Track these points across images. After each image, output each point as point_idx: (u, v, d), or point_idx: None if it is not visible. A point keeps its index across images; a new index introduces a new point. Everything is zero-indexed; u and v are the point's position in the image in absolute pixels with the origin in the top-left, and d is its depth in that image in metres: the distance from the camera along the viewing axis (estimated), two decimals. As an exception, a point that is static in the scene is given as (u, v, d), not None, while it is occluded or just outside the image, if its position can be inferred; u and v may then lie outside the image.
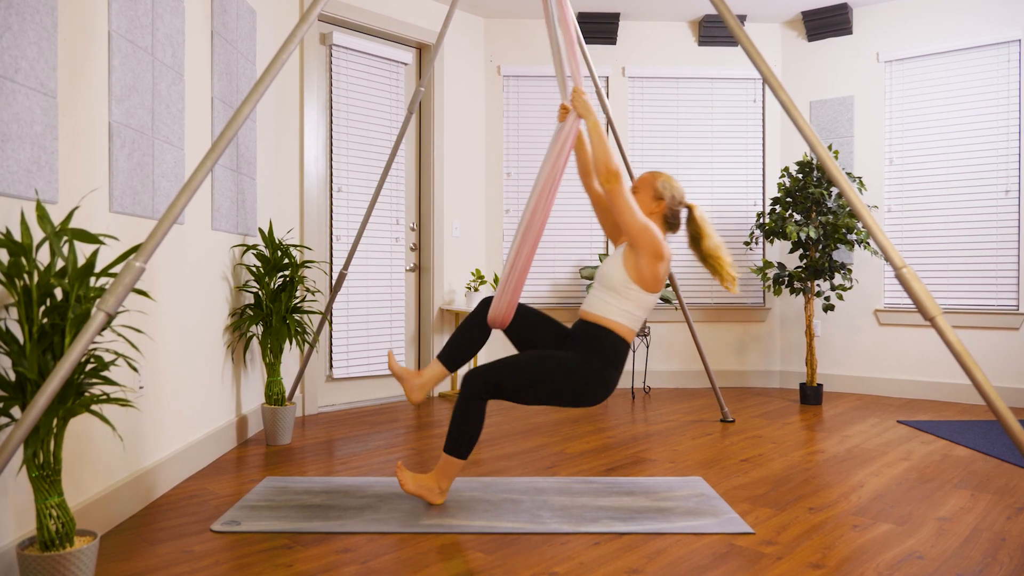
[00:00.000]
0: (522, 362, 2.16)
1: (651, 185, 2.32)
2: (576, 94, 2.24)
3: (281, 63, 1.86)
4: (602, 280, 2.27)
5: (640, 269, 2.19)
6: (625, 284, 2.21)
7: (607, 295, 2.25)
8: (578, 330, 2.27)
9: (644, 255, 2.17)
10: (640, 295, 2.22)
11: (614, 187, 2.13)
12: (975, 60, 4.14)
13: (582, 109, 2.23)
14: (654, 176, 2.33)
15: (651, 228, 2.17)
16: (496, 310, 2.28)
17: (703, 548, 1.92)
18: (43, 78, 1.72)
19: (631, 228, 2.15)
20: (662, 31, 4.71)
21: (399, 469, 2.21)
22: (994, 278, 4.09)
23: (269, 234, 3.01)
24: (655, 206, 2.31)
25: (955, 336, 1.62)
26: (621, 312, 2.22)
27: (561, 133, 2.25)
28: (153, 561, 1.81)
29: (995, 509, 2.25)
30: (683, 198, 2.35)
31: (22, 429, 1.44)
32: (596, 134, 2.18)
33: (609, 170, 2.13)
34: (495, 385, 2.15)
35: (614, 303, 2.23)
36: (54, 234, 1.56)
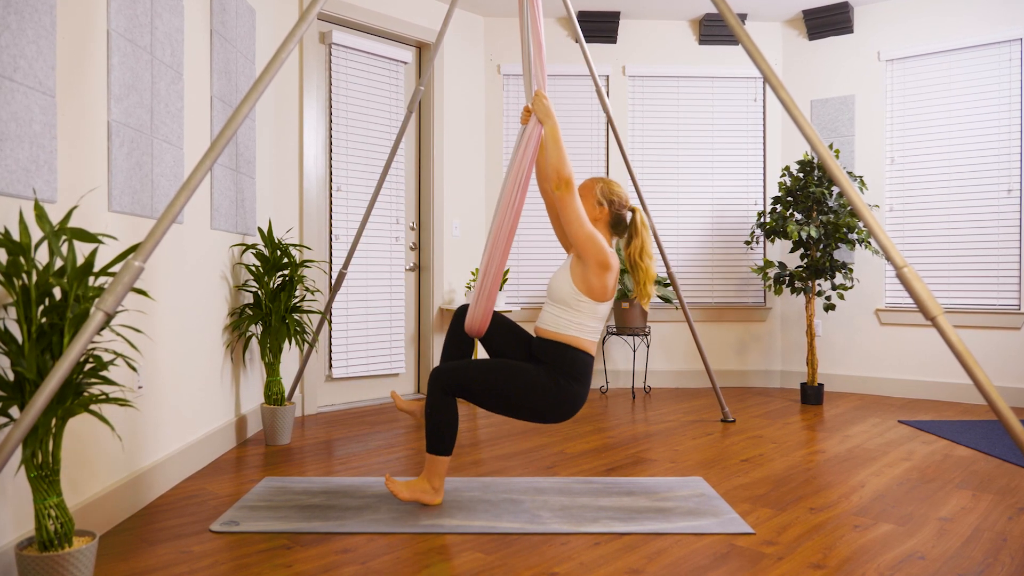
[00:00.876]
0: (489, 366, 2.16)
1: (591, 191, 2.30)
2: (537, 97, 2.21)
3: (280, 62, 1.86)
4: (552, 294, 2.25)
5: (588, 280, 2.17)
6: (575, 296, 2.19)
7: (558, 309, 2.23)
8: (537, 348, 2.26)
9: (591, 266, 2.16)
10: (592, 306, 2.20)
11: (564, 195, 2.11)
12: (976, 59, 4.13)
13: (541, 113, 2.19)
14: (594, 182, 2.31)
15: (596, 238, 2.15)
16: (472, 319, 2.27)
17: (704, 548, 1.92)
18: (41, 77, 1.72)
19: (577, 237, 2.13)
20: (662, 30, 4.70)
21: (389, 481, 2.18)
22: (995, 278, 4.08)
23: (268, 233, 3.01)
24: (598, 212, 2.28)
25: (956, 336, 1.61)
26: (575, 325, 2.20)
27: (523, 137, 2.22)
28: (152, 561, 1.81)
29: (996, 509, 2.25)
30: (625, 201, 2.32)
31: (21, 429, 1.43)
32: (552, 139, 2.14)
33: (561, 176, 2.10)
34: (460, 386, 2.15)
35: (566, 317, 2.21)
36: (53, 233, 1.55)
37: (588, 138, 4.71)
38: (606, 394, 4.43)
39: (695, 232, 4.72)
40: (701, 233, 4.73)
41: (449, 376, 2.15)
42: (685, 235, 4.72)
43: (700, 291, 4.72)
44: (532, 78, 2.33)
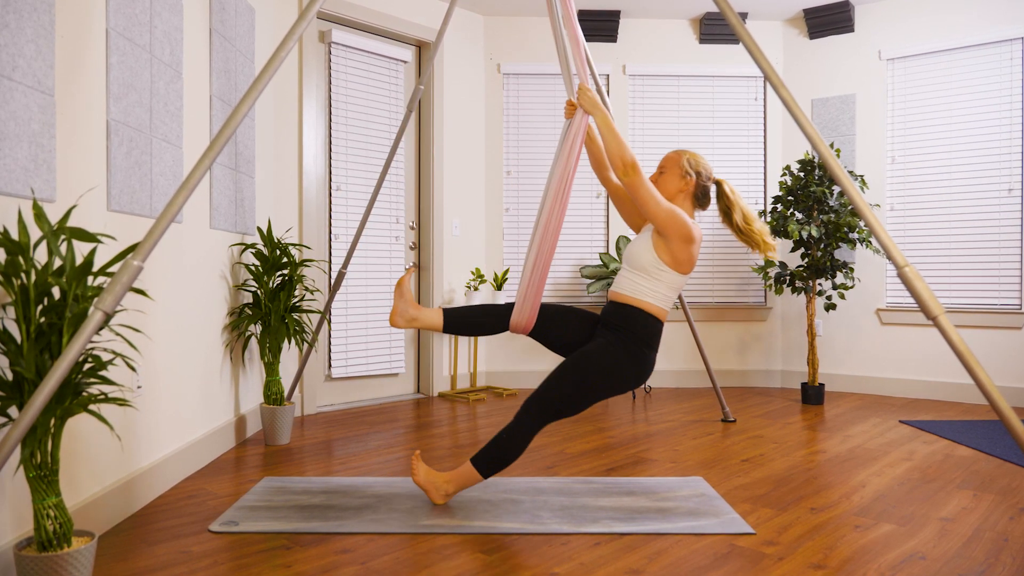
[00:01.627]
0: (566, 373, 2.14)
1: (677, 164, 2.30)
2: (582, 91, 2.22)
3: (280, 61, 1.85)
4: (631, 261, 2.25)
5: (673, 253, 2.17)
6: (656, 266, 2.19)
7: (637, 276, 2.22)
8: (609, 313, 2.24)
9: (674, 240, 2.15)
10: (673, 276, 2.21)
11: (633, 179, 2.11)
12: (978, 58, 4.12)
13: (589, 105, 2.20)
14: (679, 154, 2.31)
15: (677, 213, 2.15)
16: (519, 316, 2.26)
17: (704, 548, 1.91)
18: (40, 76, 1.71)
19: (657, 217, 2.13)
20: (663, 29, 4.69)
21: (416, 457, 2.22)
22: (997, 277, 4.07)
23: (268, 233, 3.00)
24: (683, 184, 2.28)
25: (957, 335, 1.61)
26: (653, 293, 2.20)
27: (570, 131, 2.22)
28: (151, 562, 1.80)
29: (998, 509, 2.24)
30: (711, 173, 2.33)
31: (19, 429, 1.43)
32: (607, 128, 2.15)
33: (625, 163, 2.11)
34: (555, 410, 2.14)
35: (645, 284, 2.21)
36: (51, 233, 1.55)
37: (588, 137, 4.70)
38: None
39: (695, 231, 4.71)
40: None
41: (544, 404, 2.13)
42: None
43: (700, 290, 4.71)
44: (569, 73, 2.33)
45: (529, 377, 4.63)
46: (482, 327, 2.29)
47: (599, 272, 4.37)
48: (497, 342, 4.64)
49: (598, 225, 4.70)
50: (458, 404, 4.06)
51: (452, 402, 4.12)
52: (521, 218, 4.66)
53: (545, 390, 2.15)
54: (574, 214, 4.69)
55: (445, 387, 4.39)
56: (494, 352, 4.63)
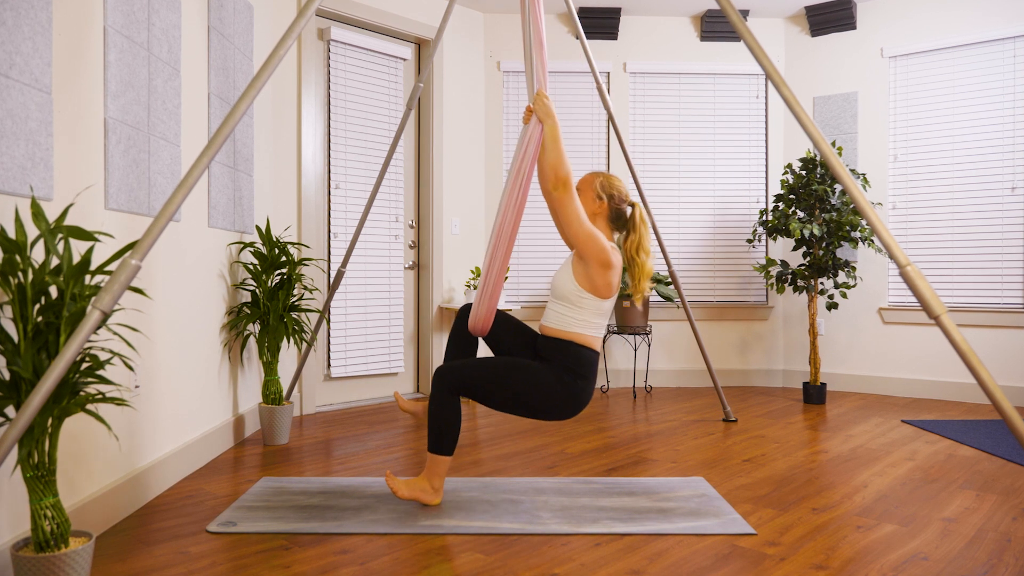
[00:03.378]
0: (494, 365, 2.15)
1: (591, 185, 2.29)
2: (538, 97, 2.20)
3: (278, 59, 1.84)
4: (555, 292, 2.25)
5: (591, 278, 2.16)
6: (577, 293, 2.18)
7: (561, 307, 2.22)
8: (541, 345, 2.25)
9: (592, 264, 2.14)
10: (596, 303, 2.20)
11: (562, 194, 2.10)
12: (980, 55, 4.11)
13: (541, 112, 2.18)
14: (594, 176, 2.30)
15: (596, 236, 2.13)
16: (475, 318, 2.25)
17: (705, 549, 1.90)
18: (38, 74, 1.70)
19: (577, 237, 2.12)
20: (664, 26, 4.67)
21: (389, 478, 2.17)
22: (1000, 276, 4.06)
23: (266, 231, 2.99)
24: (597, 206, 2.27)
25: (960, 335, 1.59)
26: (579, 322, 2.20)
27: (525, 137, 2.21)
28: (149, 562, 1.80)
29: (1000, 510, 2.23)
30: (625, 196, 2.31)
31: (16, 429, 1.42)
32: (551, 139, 2.13)
33: (558, 176, 2.09)
34: (465, 385, 2.14)
35: (570, 314, 2.20)
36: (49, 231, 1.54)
37: (589, 135, 4.69)
38: (607, 393, 4.41)
39: (696, 230, 4.70)
40: (703, 231, 4.71)
41: (454, 375, 2.14)
42: (686, 233, 4.70)
43: (702, 289, 4.70)
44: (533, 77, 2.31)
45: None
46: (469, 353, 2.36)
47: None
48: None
49: (599, 224, 4.69)
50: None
51: (452, 401, 4.11)
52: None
53: (464, 369, 2.14)
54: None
55: (445, 386, 4.37)
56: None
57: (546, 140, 2.15)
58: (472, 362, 2.16)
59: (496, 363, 2.16)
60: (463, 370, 2.14)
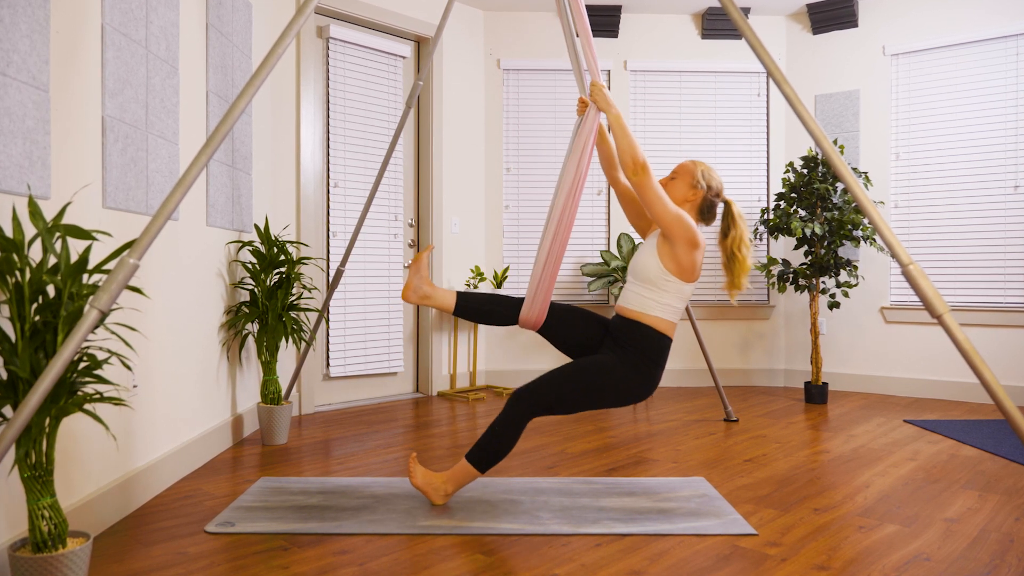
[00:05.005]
0: (568, 378, 2.13)
1: (690, 173, 2.29)
2: (595, 87, 2.21)
3: (277, 57, 1.83)
4: (637, 274, 2.23)
5: (677, 259, 2.16)
6: (662, 276, 2.18)
7: (644, 289, 2.21)
8: (617, 327, 2.23)
9: (679, 244, 2.14)
10: (679, 286, 2.19)
11: (642, 180, 2.10)
12: (983, 53, 4.09)
13: (602, 103, 2.19)
14: (695, 164, 2.30)
15: (684, 216, 2.13)
16: (528, 313, 2.25)
17: (706, 550, 1.89)
18: (35, 72, 1.69)
19: (663, 219, 2.12)
20: (665, 24, 4.66)
21: (413, 460, 2.20)
22: (1002, 275, 4.04)
23: (265, 230, 2.98)
24: (691, 194, 2.28)
25: (963, 334, 1.58)
26: (660, 306, 2.19)
27: (583, 128, 2.21)
28: (147, 563, 1.79)
29: (1003, 510, 2.22)
30: (721, 190, 2.32)
31: (14, 429, 1.41)
32: (619, 127, 2.13)
33: (636, 162, 2.09)
34: (546, 406, 2.13)
35: (652, 297, 2.19)
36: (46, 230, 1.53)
37: (589, 134, 4.67)
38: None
39: (697, 229, 4.69)
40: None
41: (534, 397, 2.12)
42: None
43: (702, 288, 4.69)
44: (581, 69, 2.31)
45: (529, 376, 4.60)
46: (491, 315, 2.28)
47: (600, 270, 4.34)
48: (497, 341, 4.61)
49: (599, 223, 4.68)
50: (457, 403, 4.04)
51: (451, 401, 4.11)
52: (521, 215, 4.64)
53: (543, 386, 2.13)
54: (575, 211, 4.67)
55: (444, 386, 4.37)
56: (493, 351, 4.61)
57: (614, 129, 2.14)
58: (545, 380, 2.14)
59: (569, 374, 2.14)
60: (540, 391, 2.12)
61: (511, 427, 2.13)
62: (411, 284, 2.25)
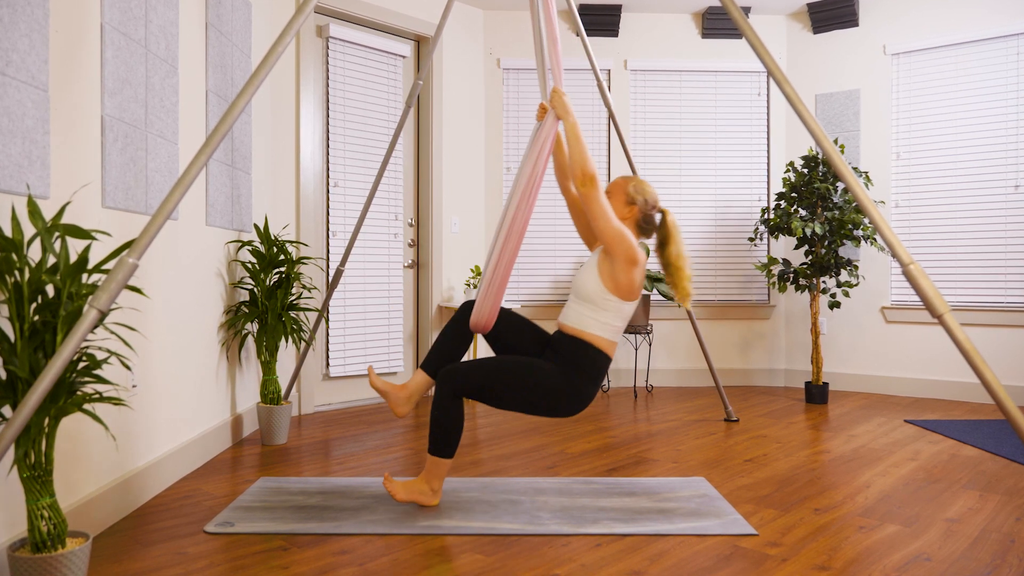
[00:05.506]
0: (502, 366, 2.13)
1: (623, 190, 2.27)
2: (555, 94, 2.19)
3: (277, 56, 1.82)
4: (577, 291, 2.22)
5: (616, 277, 2.14)
6: (602, 295, 2.16)
7: (584, 307, 2.20)
8: (557, 341, 2.23)
9: (619, 261, 2.13)
10: (618, 305, 2.18)
11: (590, 191, 2.08)
12: (984, 53, 4.09)
13: (560, 110, 2.17)
14: (626, 180, 2.29)
15: (625, 234, 2.12)
16: (479, 314, 2.22)
17: (706, 550, 1.89)
18: (34, 71, 1.69)
19: (606, 233, 2.10)
20: (665, 23, 4.66)
21: (387, 481, 2.17)
22: (1003, 275, 4.04)
23: (264, 230, 2.98)
24: (627, 211, 2.26)
25: (963, 334, 1.58)
26: (599, 324, 2.18)
27: (540, 133, 2.20)
28: (146, 563, 1.79)
29: (1004, 510, 2.22)
30: (656, 202, 2.30)
31: (13, 428, 1.41)
32: (573, 136, 2.12)
33: (585, 173, 2.08)
34: (473, 387, 2.12)
35: (591, 315, 2.18)
36: (45, 230, 1.52)
37: (589, 133, 4.67)
38: (607, 393, 4.40)
39: (698, 228, 4.69)
40: (704, 229, 4.69)
41: (461, 378, 2.11)
42: (688, 231, 4.68)
43: (703, 288, 4.68)
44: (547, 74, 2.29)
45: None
46: (456, 350, 2.29)
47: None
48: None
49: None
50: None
51: (452, 400, 4.10)
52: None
53: (476, 370, 2.12)
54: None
55: (445, 385, 4.36)
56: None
57: (568, 138, 2.14)
58: (479, 363, 2.14)
59: (504, 364, 2.14)
60: (471, 373, 2.12)
61: (444, 410, 2.12)
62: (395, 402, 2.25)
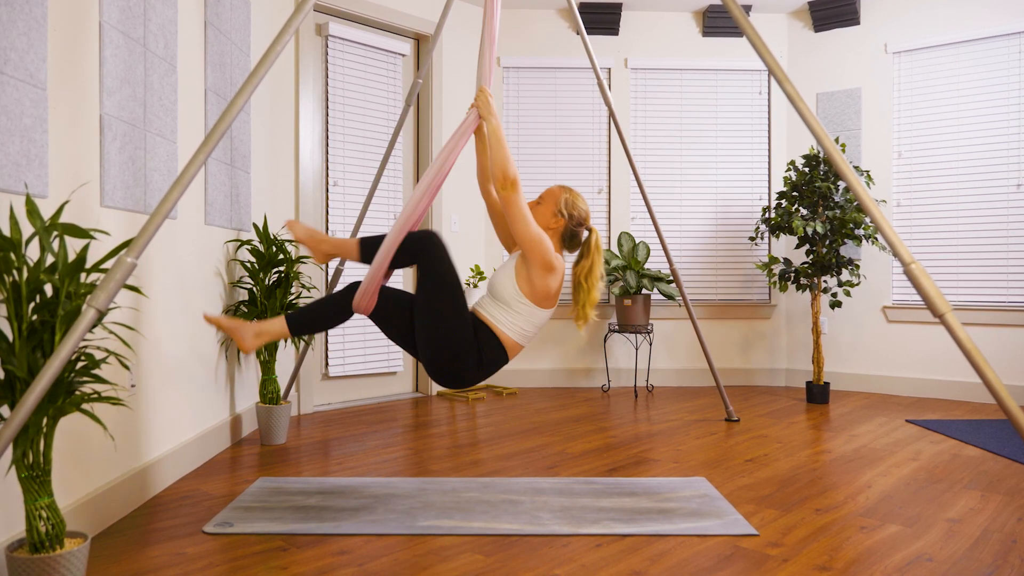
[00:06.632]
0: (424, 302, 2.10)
1: (556, 199, 2.25)
2: (480, 93, 2.17)
3: (276, 54, 1.82)
4: (492, 291, 2.20)
5: (532, 282, 2.12)
6: (516, 298, 2.15)
7: (496, 307, 2.18)
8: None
9: (535, 267, 2.10)
10: (532, 311, 2.16)
11: (509, 195, 2.06)
12: (985, 51, 4.07)
13: (484, 110, 2.15)
14: (561, 190, 2.27)
15: (543, 240, 2.09)
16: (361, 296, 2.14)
17: (707, 550, 1.88)
18: (32, 70, 1.68)
19: (523, 238, 2.08)
20: (665, 21, 4.64)
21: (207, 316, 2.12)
22: (1005, 274, 4.03)
23: (264, 229, 2.97)
24: (554, 222, 2.24)
25: (965, 333, 1.57)
26: (511, 324, 2.16)
27: (457, 129, 2.17)
28: (145, 563, 1.78)
29: (1006, 510, 2.21)
30: (586, 218, 2.28)
31: (11, 428, 1.41)
32: (495, 138, 2.10)
33: (507, 176, 2.06)
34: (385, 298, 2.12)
35: (503, 316, 2.16)
36: (44, 229, 1.52)
37: (589, 132, 4.66)
38: (608, 393, 4.39)
39: (698, 227, 4.68)
40: (704, 228, 4.68)
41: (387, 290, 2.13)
42: (688, 230, 4.67)
43: (703, 288, 4.68)
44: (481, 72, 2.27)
45: (530, 375, 4.59)
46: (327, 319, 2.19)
47: (601, 269, 4.33)
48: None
49: (599, 222, 4.67)
50: (457, 403, 4.03)
51: (451, 401, 4.10)
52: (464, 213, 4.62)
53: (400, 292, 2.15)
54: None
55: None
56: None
57: (490, 139, 2.11)
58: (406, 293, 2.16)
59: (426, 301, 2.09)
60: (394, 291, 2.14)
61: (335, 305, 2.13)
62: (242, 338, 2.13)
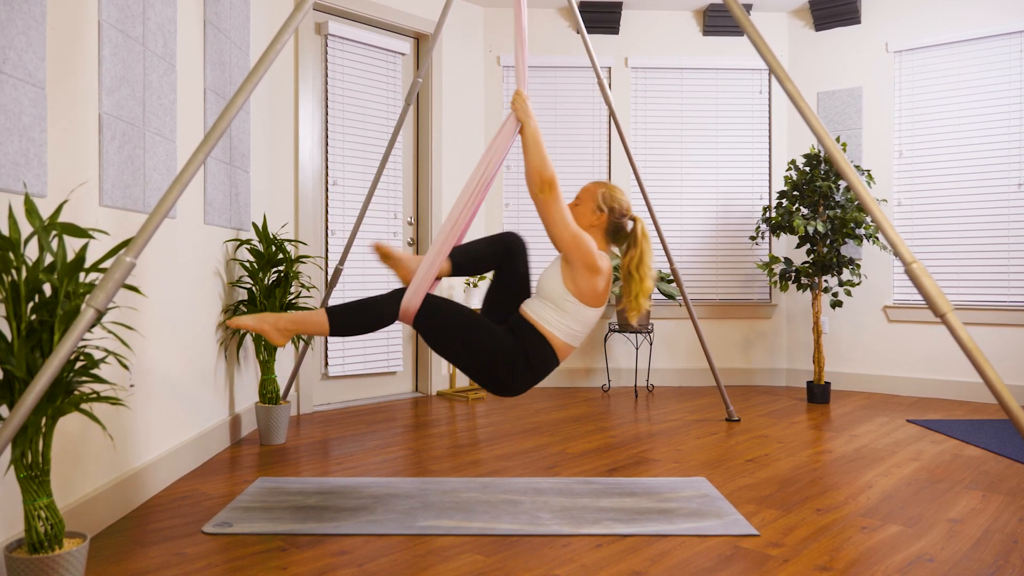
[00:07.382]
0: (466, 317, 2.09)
1: (593, 195, 2.23)
2: (516, 97, 2.15)
3: (275, 53, 1.81)
4: (540, 290, 2.18)
5: (576, 282, 2.10)
6: (563, 296, 2.12)
7: (544, 305, 2.15)
8: (515, 321, 2.16)
9: (578, 268, 2.08)
10: (580, 309, 2.12)
11: (546, 197, 2.04)
12: (987, 50, 4.07)
13: (521, 114, 2.13)
14: (597, 186, 2.25)
15: (583, 239, 2.06)
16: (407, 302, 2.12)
17: (707, 550, 1.88)
18: (31, 68, 1.68)
19: (560, 239, 2.06)
20: (666, 20, 4.64)
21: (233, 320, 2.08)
22: (1006, 273, 4.02)
23: (263, 228, 2.97)
24: (596, 218, 2.22)
25: (966, 333, 1.57)
26: (559, 325, 2.12)
27: (498, 134, 2.16)
28: (144, 563, 1.78)
29: (1007, 510, 2.20)
30: (627, 210, 2.25)
31: (10, 428, 1.40)
32: (532, 141, 2.08)
33: (543, 179, 2.04)
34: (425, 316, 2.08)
35: (552, 316, 2.13)
36: (43, 228, 1.51)
37: (590, 131, 4.66)
38: (608, 393, 4.39)
39: (699, 227, 4.67)
40: (705, 228, 4.68)
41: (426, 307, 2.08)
42: (689, 230, 4.67)
43: (704, 287, 4.67)
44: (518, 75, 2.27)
45: (530, 374, 4.58)
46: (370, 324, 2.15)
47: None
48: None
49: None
50: (457, 403, 4.03)
51: (451, 401, 4.09)
52: (521, 214, 4.62)
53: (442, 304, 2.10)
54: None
55: (443, 386, 4.36)
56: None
57: (526, 143, 2.10)
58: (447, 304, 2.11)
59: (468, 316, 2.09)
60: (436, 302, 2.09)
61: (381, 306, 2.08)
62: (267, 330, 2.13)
